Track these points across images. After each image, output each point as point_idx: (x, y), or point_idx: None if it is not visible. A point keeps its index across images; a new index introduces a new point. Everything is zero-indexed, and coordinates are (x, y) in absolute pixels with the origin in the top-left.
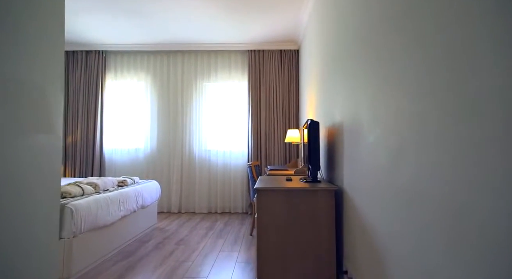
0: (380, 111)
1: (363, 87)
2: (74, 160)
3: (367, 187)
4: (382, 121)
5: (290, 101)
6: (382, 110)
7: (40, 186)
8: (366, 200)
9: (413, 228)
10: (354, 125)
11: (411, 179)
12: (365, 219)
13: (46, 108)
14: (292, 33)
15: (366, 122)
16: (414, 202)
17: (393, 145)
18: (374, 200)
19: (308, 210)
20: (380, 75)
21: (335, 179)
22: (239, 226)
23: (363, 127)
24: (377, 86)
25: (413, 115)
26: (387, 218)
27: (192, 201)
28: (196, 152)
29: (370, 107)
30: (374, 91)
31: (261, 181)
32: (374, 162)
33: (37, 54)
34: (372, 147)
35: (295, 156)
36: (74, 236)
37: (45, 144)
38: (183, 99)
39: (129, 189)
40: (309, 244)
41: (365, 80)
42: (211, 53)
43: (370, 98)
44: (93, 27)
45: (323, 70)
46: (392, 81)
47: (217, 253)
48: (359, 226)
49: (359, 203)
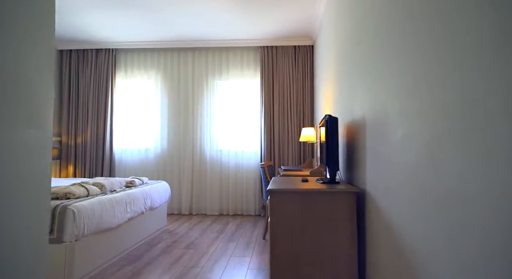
0: (411, 102)
1: (388, 76)
2: (84, 160)
3: (396, 188)
4: (413, 113)
5: (305, 99)
6: (414, 100)
7: (24, 186)
8: (393, 202)
9: (457, 238)
10: (378, 119)
11: (452, 178)
12: (393, 224)
13: (31, 102)
14: (306, 28)
15: (393, 116)
16: (456, 204)
17: (429, 140)
18: (404, 202)
19: (326, 213)
20: (409, 62)
21: (355, 180)
22: (251, 229)
23: (389, 121)
24: (406, 73)
25: (455, 104)
26: (421, 224)
27: (203, 202)
28: (207, 152)
29: (397, 98)
30: (403, 80)
31: (274, 182)
32: (404, 160)
33: (25, 47)
34: (401, 143)
35: (310, 156)
36: (77, 240)
37: (31, 139)
38: (194, 97)
39: (136, 190)
40: (327, 250)
41: (391, 69)
42: (222, 50)
43: (398, 88)
44: (103, 24)
45: (341, 63)
46: (426, 65)
47: (228, 258)
48: (385, 232)
49: (385, 206)
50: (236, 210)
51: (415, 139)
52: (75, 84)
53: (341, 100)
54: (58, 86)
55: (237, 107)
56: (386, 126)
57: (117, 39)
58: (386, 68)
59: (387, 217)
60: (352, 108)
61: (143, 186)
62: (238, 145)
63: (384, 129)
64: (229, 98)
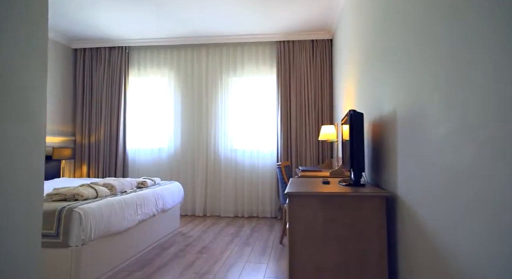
0: (461, 93)
1: (426, 65)
2: (97, 160)
3: (438, 194)
4: (462, 106)
5: (323, 95)
6: (464, 89)
7: (13, 184)
8: (434, 210)
9: None
10: (413, 114)
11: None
12: (434, 236)
13: (23, 97)
14: (325, 20)
15: (433, 110)
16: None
17: (484, 139)
18: (449, 211)
19: (351, 220)
20: (457, 45)
21: (383, 182)
22: (267, 232)
23: (428, 116)
24: (455, 58)
25: None
26: (472, 239)
27: (217, 204)
28: (221, 151)
29: (439, 88)
30: (447, 66)
31: (293, 184)
32: (450, 161)
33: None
34: (445, 141)
35: (329, 156)
36: (83, 244)
37: (20, 134)
38: (208, 95)
39: (148, 191)
40: (352, 262)
41: (432, 56)
42: (237, 46)
43: (440, 76)
44: (116, 21)
45: (366, 54)
46: (482, 46)
47: (243, 264)
48: (423, 244)
49: (423, 214)
50: (252, 212)
51: (464, 137)
52: (89, 82)
53: (365, 95)
54: (72, 86)
55: (253, 105)
56: (425, 121)
57: (130, 36)
58: (426, 55)
59: (426, 226)
60: (379, 103)
61: (155, 187)
62: (253, 144)
63: (420, 126)
64: (244, 96)
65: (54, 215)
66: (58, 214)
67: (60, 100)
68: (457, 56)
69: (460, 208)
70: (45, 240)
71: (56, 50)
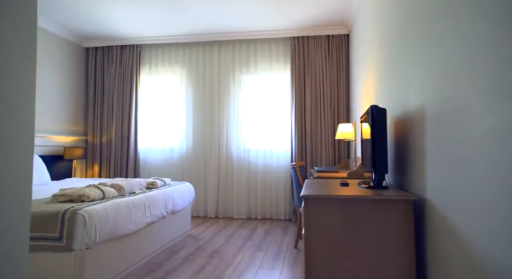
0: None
1: (467, 51)
2: (108, 160)
3: (483, 199)
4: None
5: (340, 93)
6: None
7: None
8: (476, 216)
9: None
10: (447, 109)
11: None
12: (475, 245)
13: (10, 96)
14: (341, 14)
15: (475, 102)
16: None
17: None
18: (497, 221)
19: (375, 226)
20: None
21: (408, 185)
22: (281, 235)
23: (469, 110)
24: (503, 39)
25: None
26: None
27: (230, 205)
28: (234, 151)
29: (484, 77)
30: (492, 52)
31: (308, 186)
32: (498, 161)
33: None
34: (489, 140)
35: (345, 156)
36: (88, 248)
37: (5, 132)
38: (220, 93)
39: (157, 192)
40: (376, 273)
41: (472, 41)
42: (249, 43)
43: (486, 63)
44: (128, 19)
45: (388, 46)
46: None
47: (256, 270)
48: (459, 253)
49: (461, 220)
50: (265, 213)
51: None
52: (101, 81)
53: (387, 91)
54: (84, 85)
55: (266, 103)
56: (464, 116)
57: (141, 34)
58: (467, 41)
59: (464, 234)
60: (403, 98)
61: (165, 188)
62: (267, 144)
63: (459, 120)
64: (257, 94)
65: (58, 217)
66: (62, 216)
67: (73, 100)
68: (508, 37)
69: (506, 219)
70: (48, 243)
71: (69, 50)
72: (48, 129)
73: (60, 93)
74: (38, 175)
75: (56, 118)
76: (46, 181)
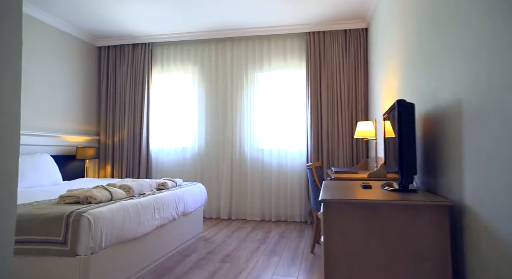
0: None
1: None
2: (121, 160)
3: None
4: None
5: (358, 90)
6: None
7: None
8: None
9: None
10: (491, 103)
11: None
12: None
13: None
14: (359, 7)
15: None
16: None
17: None
18: None
19: (404, 234)
20: None
21: (440, 188)
22: (297, 239)
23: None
24: None
25: None
26: None
27: (243, 206)
28: (247, 151)
29: None
30: None
31: (327, 189)
32: None
33: None
34: None
35: (364, 156)
36: (93, 253)
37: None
38: (233, 91)
39: (167, 193)
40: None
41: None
42: (263, 39)
43: None
44: (139, 17)
45: (413, 37)
46: None
47: (270, 276)
48: (505, 269)
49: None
50: (280, 216)
51: None
52: (113, 80)
53: (412, 85)
54: (97, 84)
55: (280, 101)
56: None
57: (153, 32)
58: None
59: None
60: (433, 93)
61: (176, 189)
62: (281, 143)
63: (507, 115)
64: (271, 92)
65: (62, 220)
66: (66, 219)
67: (85, 99)
68: None
69: None
70: (52, 247)
71: (82, 49)
72: (61, 129)
73: (72, 93)
74: (50, 175)
75: (69, 118)
76: (58, 181)
